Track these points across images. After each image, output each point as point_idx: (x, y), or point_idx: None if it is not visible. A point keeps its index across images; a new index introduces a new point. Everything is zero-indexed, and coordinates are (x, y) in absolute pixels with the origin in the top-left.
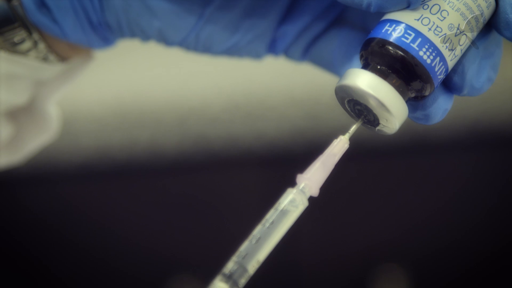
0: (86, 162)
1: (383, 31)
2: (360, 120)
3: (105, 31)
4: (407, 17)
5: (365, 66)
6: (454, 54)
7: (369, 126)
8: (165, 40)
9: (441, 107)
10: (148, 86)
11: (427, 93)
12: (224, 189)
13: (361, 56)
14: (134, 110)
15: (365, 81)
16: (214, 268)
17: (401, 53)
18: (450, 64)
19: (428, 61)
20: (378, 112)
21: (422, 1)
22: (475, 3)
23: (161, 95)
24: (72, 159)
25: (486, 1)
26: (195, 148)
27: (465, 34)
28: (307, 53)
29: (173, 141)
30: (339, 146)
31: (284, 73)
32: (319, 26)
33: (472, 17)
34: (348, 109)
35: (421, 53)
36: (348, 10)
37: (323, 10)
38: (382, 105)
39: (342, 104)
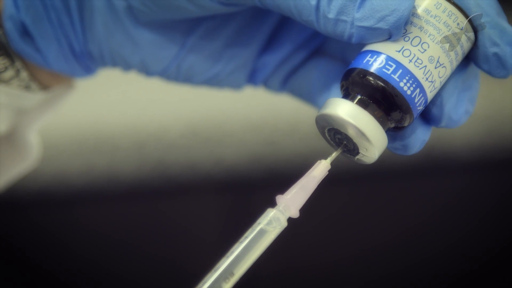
0: (44, 189)
1: (364, 61)
2: (340, 148)
3: (87, 60)
4: (388, 48)
5: (346, 96)
6: (433, 86)
7: (349, 155)
8: (147, 70)
9: (420, 138)
10: (105, 111)
11: (406, 124)
12: (183, 215)
13: (342, 86)
14: (92, 136)
15: (345, 111)
16: None
17: (382, 84)
18: (430, 95)
19: (409, 92)
20: (358, 142)
21: (403, 33)
22: (455, 37)
23: (119, 121)
24: (29, 185)
25: (466, 35)
26: (154, 173)
27: (445, 67)
28: (286, 84)
29: (131, 166)
30: (320, 169)
31: (242, 99)
32: (299, 57)
33: (452, 51)
34: (328, 138)
35: (401, 84)
36: (327, 41)
37: (303, 41)
38: (362, 134)
39: (322, 133)
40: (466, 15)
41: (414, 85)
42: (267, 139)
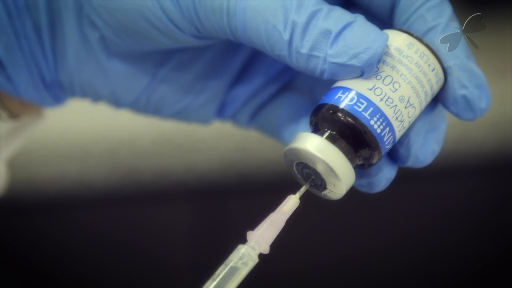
0: (14, 196)
1: (335, 97)
2: (307, 183)
3: (57, 90)
4: (360, 86)
5: (315, 131)
6: (402, 125)
7: (316, 190)
8: (117, 101)
9: (385, 176)
10: (76, 118)
11: (374, 162)
12: (155, 221)
13: (311, 122)
14: (63, 143)
15: (315, 145)
16: None
17: (352, 121)
18: (398, 135)
19: (378, 130)
20: (326, 177)
21: (375, 71)
22: (425, 78)
23: (90, 127)
24: None
25: (436, 77)
26: (125, 180)
27: (414, 107)
28: (254, 119)
29: (103, 173)
30: (289, 204)
31: None
32: (268, 92)
33: (422, 91)
34: (296, 172)
35: (372, 122)
36: (297, 77)
37: (273, 76)
38: (331, 170)
39: (290, 166)
40: (437, 57)
41: (384, 124)
42: (239, 146)
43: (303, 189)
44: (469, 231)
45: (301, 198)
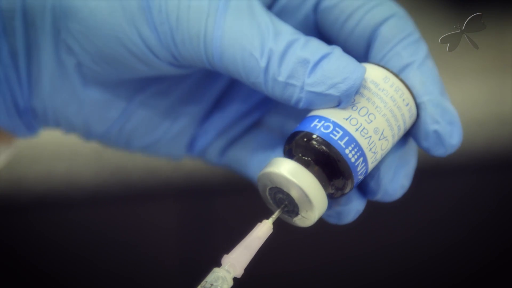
0: (1, 195)
1: (311, 125)
2: (280, 209)
3: (30, 118)
4: (336, 115)
5: (290, 157)
6: (375, 157)
7: (288, 216)
8: (88, 132)
9: (354, 208)
10: None
11: (345, 191)
12: (142, 220)
13: (285, 149)
14: (50, 142)
15: (289, 170)
16: None
17: (328, 149)
18: (371, 166)
19: (353, 160)
20: (300, 202)
21: (351, 102)
22: (399, 112)
23: None
24: None
25: (409, 112)
26: (113, 179)
27: (387, 140)
28: (224, 155)
29: (90, 172)
30: (263, 230)
31: None
32: (240, 127)
33: (395, 124)
34: (269, 197)
35: (347, 151)
36: (269, 114)
37: (247, 111)
38: (305, 195)
39: (263, 192)
40: (411, 92)
41: (358, 154)
42: None
43: (276, 215)
44: (462, 229)
45: (274, 223)
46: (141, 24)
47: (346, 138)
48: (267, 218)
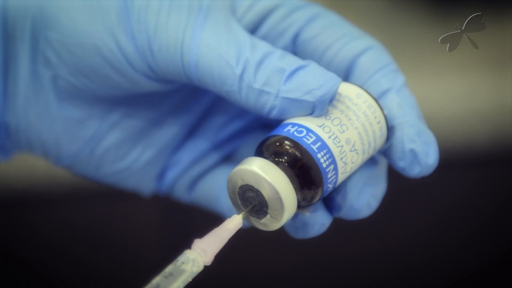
0: None
1: (285, 130)
2: (249, 207)
3: (3, 136)
4: (310, 122)
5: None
6: (345, 169)
7: (255, 217)
8: (59, 151)
9: (319, 221)
10: None
11: (314, 201)
12: (124, 215)
13: (256, 153)
14: None
15: (261, 166)
16: None
17: (300, 152)
18: (340, 177)
19: (324, 165)
20: (270, 200)
21: (325, 113)
22: (371, 128)
23: None
24: None
25: (380, 130)
26: None
27: (358, 154)
28: (193, 189)
29: None
30: (233, 223)
31: None
32: (210, 160)
33: (366, 140)
34: (238, 197)
35: (319, 155)
36: (239, 149)
37: (219, 143)
38: (275, 192)
39: (233, 192)
40: (383, 112)
41: (330, 160)
42: None
43: (246, 211)
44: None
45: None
46: (120, 33)
47: (319, 143)
48: None
